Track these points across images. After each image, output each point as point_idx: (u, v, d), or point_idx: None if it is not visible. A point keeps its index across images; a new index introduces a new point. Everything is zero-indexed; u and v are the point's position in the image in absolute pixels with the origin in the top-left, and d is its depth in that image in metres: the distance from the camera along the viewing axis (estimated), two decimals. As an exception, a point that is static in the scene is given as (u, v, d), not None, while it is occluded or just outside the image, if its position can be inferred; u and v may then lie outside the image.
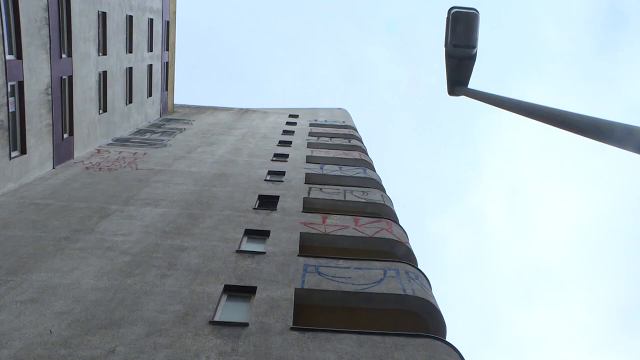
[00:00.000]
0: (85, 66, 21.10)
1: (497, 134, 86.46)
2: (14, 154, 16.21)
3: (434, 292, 11.65)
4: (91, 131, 22.08)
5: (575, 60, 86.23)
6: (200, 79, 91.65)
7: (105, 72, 23.30)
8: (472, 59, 4.62)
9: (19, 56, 16.05)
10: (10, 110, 15.82)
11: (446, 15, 4.52)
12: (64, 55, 19.23)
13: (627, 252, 64.64)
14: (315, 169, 20.64)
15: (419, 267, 12.57)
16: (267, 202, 16.36)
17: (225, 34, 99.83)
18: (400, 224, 15.34)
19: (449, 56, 4.63)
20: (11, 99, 15.85)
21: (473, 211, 73.15)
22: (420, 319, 10.34)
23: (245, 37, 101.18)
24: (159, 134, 27.10)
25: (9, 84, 15.63)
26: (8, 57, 15.57)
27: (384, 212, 16.18)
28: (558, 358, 50.79)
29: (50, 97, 18.11)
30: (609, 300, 57.12)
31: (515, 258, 66.60)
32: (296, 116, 34.65)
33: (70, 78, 19.78)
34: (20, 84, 16.24)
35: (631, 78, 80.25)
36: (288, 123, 32.02)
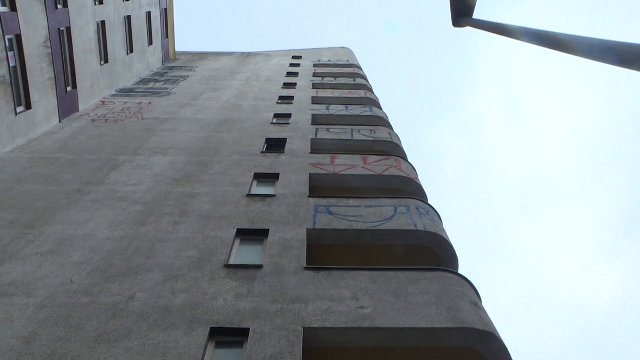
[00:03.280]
0: (83, 16, 20.67)
1: (494, 42, 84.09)
2: (19, 109, 16.17)
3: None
4: (94, 83, 21.89)
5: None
6: (198, 24, 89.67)
7: (103, 22, 22.85)
8: (477, -14, 4.43)
9: (13, 8, 15.72)
10: (11, 65, 15.65)
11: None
12: (59, 6, 18.81)
13: (627, 158, 62.57)
14: (321, 109, 20.46)
15: (430, 202, 12.64)
16: (275, 145, 16.33)
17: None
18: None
19: (453, -15, 4.45)
20: (11, 54, 15.65)
21: (469, 121, 72.21)
22: (432, 253, 10.48)
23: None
24: (163, 82, 26.83)
25: (7, 37, 15.39)
26: (2, 9, 15.27)
27: (392, 149, 16.13)
28: (560, 267, 51.23)
29: (50, 50, 17.87)
30: (610, 207, 56.19)
31: (513, 167, 66.15)
32: (299, 57, 34.04)
33: (69, 29, 19.43)
34: (18, 38, 15.99)
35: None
36: (292, 65, 31.50)
